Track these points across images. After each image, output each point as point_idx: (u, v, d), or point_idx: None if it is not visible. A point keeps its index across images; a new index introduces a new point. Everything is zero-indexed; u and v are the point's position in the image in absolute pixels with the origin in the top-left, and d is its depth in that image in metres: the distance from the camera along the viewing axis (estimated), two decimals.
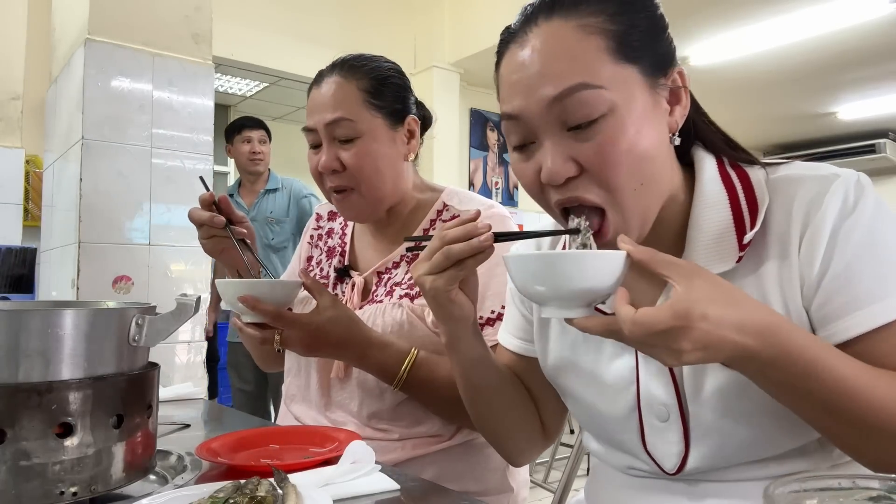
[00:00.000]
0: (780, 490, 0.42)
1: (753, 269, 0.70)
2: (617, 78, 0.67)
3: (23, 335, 0.65)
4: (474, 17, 4.27)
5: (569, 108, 0.66)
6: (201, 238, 1.12)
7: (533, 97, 0.68)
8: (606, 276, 0.62)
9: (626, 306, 0.60)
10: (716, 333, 0.58)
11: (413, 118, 1.16)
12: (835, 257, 0.66)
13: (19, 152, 2.87)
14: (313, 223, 1.37)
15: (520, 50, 0.70)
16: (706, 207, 0.72)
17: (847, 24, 4.02)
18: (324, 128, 1.09)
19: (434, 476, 1.07)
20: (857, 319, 0.65)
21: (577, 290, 0.63)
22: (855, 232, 0.66)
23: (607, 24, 0.67)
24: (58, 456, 0.65)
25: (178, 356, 1.98)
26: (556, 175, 0.68)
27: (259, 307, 0.98)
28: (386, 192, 1.13)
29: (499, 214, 1.15)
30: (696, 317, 0.57)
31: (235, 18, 3.63)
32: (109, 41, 1.90)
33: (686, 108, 0.73)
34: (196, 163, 2.03)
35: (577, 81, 0.66)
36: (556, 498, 1.48)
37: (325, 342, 1.02)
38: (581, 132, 0.67)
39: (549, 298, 0.65)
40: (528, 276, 0.65)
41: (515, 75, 0.70)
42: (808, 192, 0.69)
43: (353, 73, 1.11)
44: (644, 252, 0.62)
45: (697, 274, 0.60)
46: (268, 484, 0.70)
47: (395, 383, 1.05)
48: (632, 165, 0.67)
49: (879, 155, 6.42)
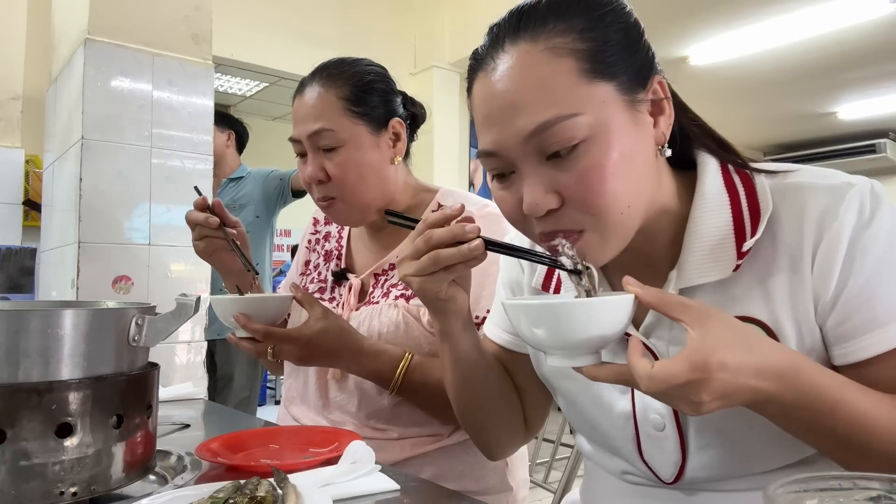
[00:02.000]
0: (780, 490, 0.42)
1: (761, 281, 0.67)
2: (592, 100, 0.63)
3: (23, 335, 0.65)
4: (474, 17, 4.27)
5: (546, 139, 0.63)
6: (195, 240, 1.16)
7: (507, 132, 0.65)
8: (615, 324, 0.60)
9: (642, 360, 0.57)
10: (735, 382, 0.56)
11: (398, 121, 1.15)
12: (852, 274, 0.63)
13: (19, 152, 2.87)
14: (311, 228, 1.38)
15: (488, 79, 0.66)
16: (706, 212, 0.70)
17: (847, 24, 4.03)
18: (306, 139, 1.10)
19: (433, 475, 1.07)
20: (876, 339, 0.63)
21: (584, 340, 0.60)
22: (873, 247, 0.63)
23: (577, 44, 0.63)
24: (58, 456, 0.65)
25: (178, 356, 1.98)
26: (537, 208, 0.65)
27: (249, 326, 1.02)
28: (371, 198, 1.13)
29: (493, 214, 1.14)
30: (715, 367, 0.55)
31: (235, 18, 3.63)
32: (109, 41, 1.90)
33: (671, 117, 0.69)
34: (196, 163, 2.03)
35: (552, 115, 0.62)
36: (556, 498, 1.48)
37: (317, 353, 1.04)
38: (561, 161, 0.64)
39: (554, 348, 0.62)
40: (530, 325, 0.61)
41: (485, 107, 0.67)
42: (821, 202, 0.66)
43: (333, 82, 1.11)
44: (653, 295, 0.59)
45: (711, 316, 0.58)
46: (268, 484, 0.70)
47: (390, 388, 1.06)
48: (617, 190, 0.64)
49: (879, 155, 6.43)
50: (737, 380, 0.56)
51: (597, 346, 0.62)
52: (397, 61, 4.63)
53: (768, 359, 0.58)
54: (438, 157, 4.39)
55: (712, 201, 0.70)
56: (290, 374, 1.27)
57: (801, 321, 0.66)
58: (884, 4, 3.76)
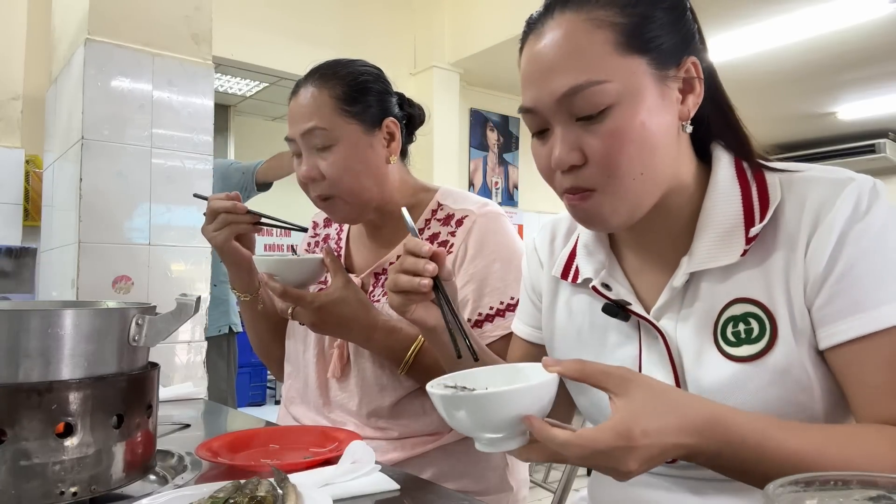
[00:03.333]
0: (779, 490, 0.42)
1: (759, 263, 0.71)
2: (623, 70, 0.68)
3: (23, 335, 0.65)
4: (474, 17, 4.27)
5: (576, 102, 0.69)
6: (215, 229, 1.16)
7: (543, 91, 0.71)
8: (541, 404, 0.61)
9: (562, 432, 0.59)
10: (658, 444, 0.59)
11: (392, 120, 1.15)
12: (840, 259, 0.66)
13: (19, 152, 2.87)
14: (310, 231, 1.38)
15: (535, 42, 0.73)
16: (718, 201, 0.74)
17: (847, 24, 4.02)
18: (300, 137, 1.11)
19: (434, 476, 1.07)
20: (859, 322, 0.65)
21: (509, 423, 0.60)
22: (864, 237, 0.67)
23: (616, 17, 0.69)
24: (58, 456, 0.65)
25: (178, 356, 1.98)
26: (562, 162, 0.71)
27: (269, 284, 1.05)
28: (369, 195, 1.14)
29: (493, 212, 1.16)
30: (638, 435, 0.58)
31: (235, 18, 3.63)
32: (109, 41, 1.90)
33: (699, 96, 0.74)
34: (196, 163, 2.03)
35: (584, 79, 0.68)
36: (556, 498, 1.48)
37: (330, 321, 1.06)
38: (588, 123, 0.69)
39: (480, 434, 0.62)
40: (452, 414, 0.62)
41: (528, 67, 0.73)
42: (822, 193, 0.69)
43: (326, 81, 1.12)
44: (573, 367, 0.63)
45: (631, 382, 0.61)
46: (268, 484, 0.70)
47: (400, 368, 1.08)
48: (634, 155, 0.69)
49: (879, 155, 6.41)
50: (660, 442, 0.59)
51: (523, 429, 0.62)
52: (397, 61, 4.63)
53: (687, 416, 0.61)
54: (438, 157, 4.39)
55: (724, 192, 0.74)
56: (290, 374, 1.27)
57: (793, 304, 0.69)
58: (884, 4, 3.76)
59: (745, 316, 0.70)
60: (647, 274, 0.80)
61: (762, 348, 0.69)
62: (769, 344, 0.69)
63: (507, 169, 5.19)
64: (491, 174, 5.11)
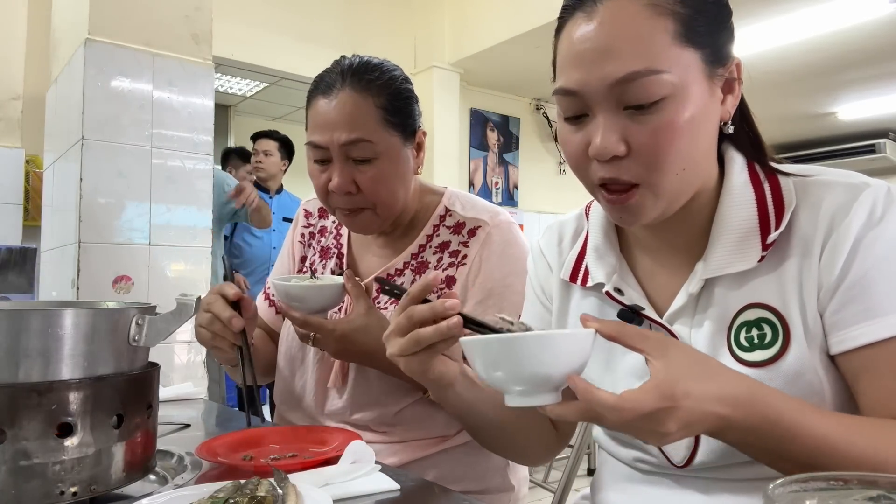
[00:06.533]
0: (780, 490, 0.42)
1: (773, 268, 0.70)
2: (680, 62, 0.66)
3: (23, 335, 0.65)
4: (474, 17, 4.27)
5: (630, 90, 0.66)
6: (204, 326, 1.01)
7: (595, 74, 0.67)
8: (577, 358, 0.59)
9: (604, 392, 0.58)
10: (699, 409, 0.58)
11: (422, 131, 1.12)
12: (854, 265, 0.66)
13: (19, 152, 2.88)
14: (303, 220, 1.31)
15: (587, 20, 0.68)
16: (733, 206, 0.73)
17: (847, 24, 4.02)
18: (338, 147, 1.03)
19: (435, 478, 1.06)
20: (870, 328, 0.65)
21: (545, 373, 0.58)
22: (878, 243, 0.66)
23: (677, 7, 0.66)
24: (58, 456, 0.65)
25: (178, 356, 1.98)
26: (605, 151, 0.67)
27: (289, 314, 1.01)
28: (398, 208, 1.11)
29: (506, 223, 1.13)
30: (680, 395, 0.57)
31: (235, 18, 3.63)
32: (109, 41, 1.90)
33: (737, 98, 0.73)
34: (196, 163, 2.03)
35: (643, 66, 0.65)
36: (556, 498, 1.48)
37: (353, 349, 1.02)
38: (637, 113, 0.66)
39: (511, 385, 0.60)
40: (487, 361, 0.60)
41: (578, 46, 0.68)
42: (837, 198, 0.69)
43: (369, 88, 1.04)
44: (612, 327, 0.62)
45: (670, 346, 0.61)
46: (268, 484, 0.70)
47: (426, 393, 1.04)
48: (681, 150, 0.67)
49: (879, 155, 6.41)
50: (700, 407, 0.58)
51: (557, 385, 0.60)
52: (397, 61, 4.56)
53: (727, 386, 0.60)
54: (438, 157, 4.39)
55: (738, 196, 0.73)
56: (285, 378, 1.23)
57: (806, 309, 0.68)
58: (884, 4, 3.75)
59: (759, 321, 0.70)
60: (659, 277, 0.79)
61: (775, 353, 0.69)
62: (782, 349, 0.68)
63: (507, 169, 5.19)
64: (491, 174, 5.11)
